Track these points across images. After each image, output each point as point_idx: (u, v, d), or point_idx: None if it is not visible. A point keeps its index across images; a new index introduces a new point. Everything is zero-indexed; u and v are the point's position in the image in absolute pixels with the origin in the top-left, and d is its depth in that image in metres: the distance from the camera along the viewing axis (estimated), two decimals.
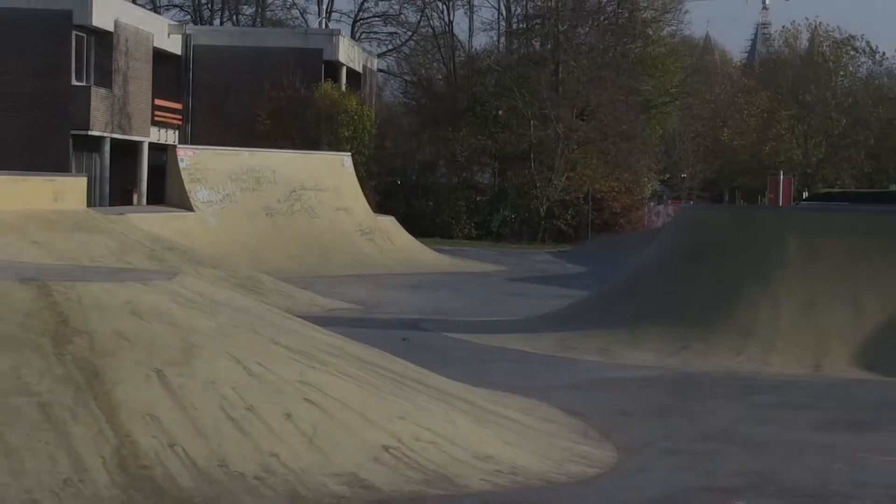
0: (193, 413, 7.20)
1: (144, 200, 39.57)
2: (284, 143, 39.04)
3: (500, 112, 51.01)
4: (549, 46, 52.76)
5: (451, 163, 50.07)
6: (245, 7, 64.49)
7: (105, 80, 38.81)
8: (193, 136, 44.05)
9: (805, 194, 61.71)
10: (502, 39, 55.97)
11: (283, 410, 7.52)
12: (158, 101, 43.08)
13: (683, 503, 7.36)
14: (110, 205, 35.80)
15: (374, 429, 7.74)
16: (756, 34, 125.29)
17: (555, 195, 48.48)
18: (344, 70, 48.05)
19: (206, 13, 63.08)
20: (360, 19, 63.96)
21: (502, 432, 8.65)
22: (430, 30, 56.88)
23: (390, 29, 63.47)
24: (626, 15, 55.48)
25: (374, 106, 49.98)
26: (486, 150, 49.99)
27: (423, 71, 57.23)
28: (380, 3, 63.49)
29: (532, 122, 49.10)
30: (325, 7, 63.40)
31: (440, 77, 55.57)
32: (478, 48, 57.77)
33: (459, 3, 56.83)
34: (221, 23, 62.15)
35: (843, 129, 67.90)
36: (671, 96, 60.03)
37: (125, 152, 40.34)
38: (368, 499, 6.91)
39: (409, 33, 60.30)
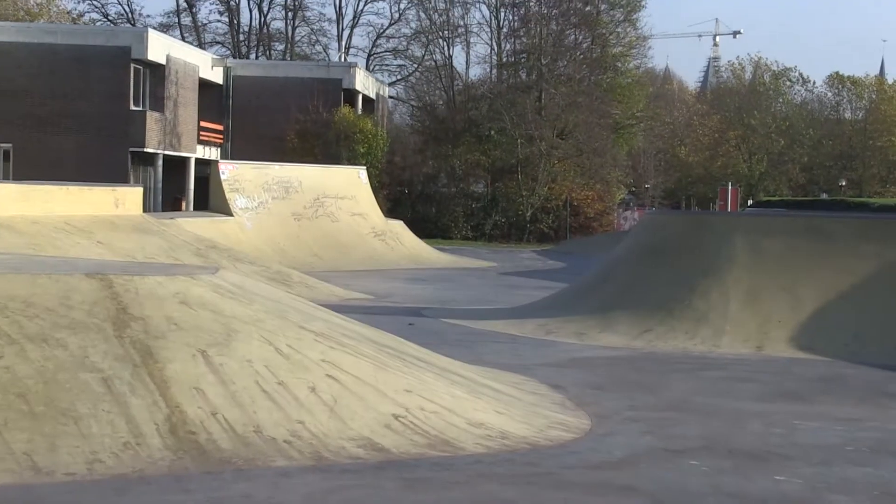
0: (232, 387, 7.20)
1: (191, 207, 39.55)
2: (309, 159, 39.05)
3: (492, 132, 50.96)
4: (533, 77, 52.76)
5: (451, 175, 50.07)
6: (276, 44, 64.65)
7: (158, 105, 38.81)
8: (233, 153, 44.06)
9: (749, 202, 61.76)
10: (494, 71, 55.96)
11: (309, 384, 7.51)
12: (203, 123, 43.07)
13: (646, 463, 7.35)
14: (162, 211, 35.79)
15: (386, 400, 7.73)
16: (708, 67, 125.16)
17: (538, 202, 48.51)
18: (360, 97, 48.02)
19: (244, 48, 63.15)
20: (374, 54, 64.10)
21: (494, 403, 8.63)
22: (433, 63, 56.88)
23: (399, 62, 63.85)
24: (599, 51, 55.47)
25: (385, 127, 49.96)
26: (480, 164, 49.99)
27: (427, 97, 57.27)
28: (391, 41, 63.81)
29: (519, 141, 49.07)
30: (343, 44, 63.62)
31: (441, 103, 55.56)
32: (473, 78, 57.85)
33: (458, 40, 56.79)
34: (256, 57, 62.22)
35: (781, 148, 67.99)
36: (637, 119, 60.02)
37: (175, 166, 40.32)
38: (380, 459, 6.90)
39: (415, 66, 60.41)
